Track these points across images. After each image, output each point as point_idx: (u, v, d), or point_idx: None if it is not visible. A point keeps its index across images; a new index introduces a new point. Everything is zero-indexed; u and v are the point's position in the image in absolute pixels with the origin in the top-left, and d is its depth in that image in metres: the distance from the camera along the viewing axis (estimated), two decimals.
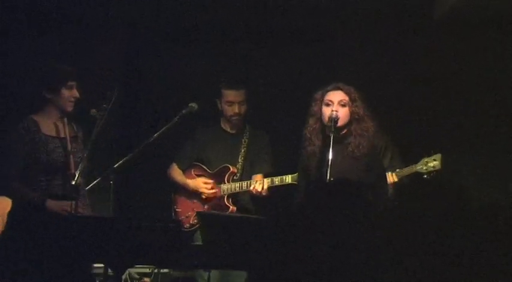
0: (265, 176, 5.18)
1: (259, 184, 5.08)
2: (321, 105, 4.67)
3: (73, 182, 4.23)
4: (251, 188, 5.10)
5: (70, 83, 4.38)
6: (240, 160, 5.28)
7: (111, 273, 4.12)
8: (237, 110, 5.24)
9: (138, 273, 4.83)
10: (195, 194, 5.31)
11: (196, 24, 5.94)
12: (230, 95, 5.26)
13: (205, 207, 5.27)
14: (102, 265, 4.23)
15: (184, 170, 5.36)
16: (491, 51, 5.52)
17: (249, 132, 5.34)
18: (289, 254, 1.50)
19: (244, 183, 5.18)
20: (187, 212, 5.28)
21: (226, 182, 5.23)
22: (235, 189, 5.20)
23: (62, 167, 4.33)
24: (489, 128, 5.49)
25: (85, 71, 4.86)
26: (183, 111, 5.01)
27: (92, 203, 4.67)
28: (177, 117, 4.98)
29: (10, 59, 5.78)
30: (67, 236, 3.75)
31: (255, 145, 5.31)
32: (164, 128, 4.92)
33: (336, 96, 4.64)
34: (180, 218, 5.22)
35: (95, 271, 4.41)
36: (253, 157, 5.29)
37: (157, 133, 4.89)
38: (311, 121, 4.72)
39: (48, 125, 4.41)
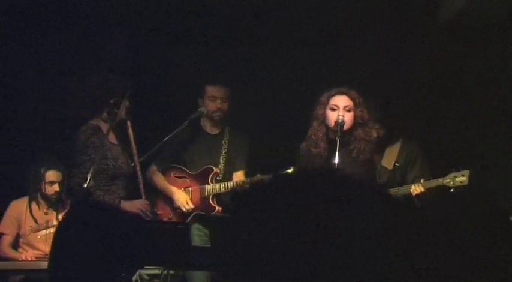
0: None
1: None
2: (326, 108, 4.72)
3: (85, 185, 4.27)
4: None
5: None
6: (221, 161, 5.24)
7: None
8: (219, 105, 5.19)
9: (148, 275, 4.88)
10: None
11: (201, 25, 5.95)
12: (213, 90, 5.22)
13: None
14: None
15: (164, 172, 5.26)
16: (503, 55, 5.51)
17: (229, 133, 5.31)
18: (296, 253, 1.55)
19: (230, 183, 5.13)
20: (169, 215, 5.19)
21: (210, 182, 5.18)
22: (220, 190, 5.13)
23: (123, 174, 4.46)
24: (494, 129, 5.49)
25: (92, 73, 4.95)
26: (192, 116, 5.06)
27: None
28: (187, 121, 5.04)
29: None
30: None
31: (235, 146, 5.28)
32: (174, 132, 4.99)
33: (341, 101, 4.70)
34: None
35: None
36: (233, 158, 5.26)
37: (168, 137, 4.96)
38: (315, 124, 4.76)
39: (109, 131, 4.53)
